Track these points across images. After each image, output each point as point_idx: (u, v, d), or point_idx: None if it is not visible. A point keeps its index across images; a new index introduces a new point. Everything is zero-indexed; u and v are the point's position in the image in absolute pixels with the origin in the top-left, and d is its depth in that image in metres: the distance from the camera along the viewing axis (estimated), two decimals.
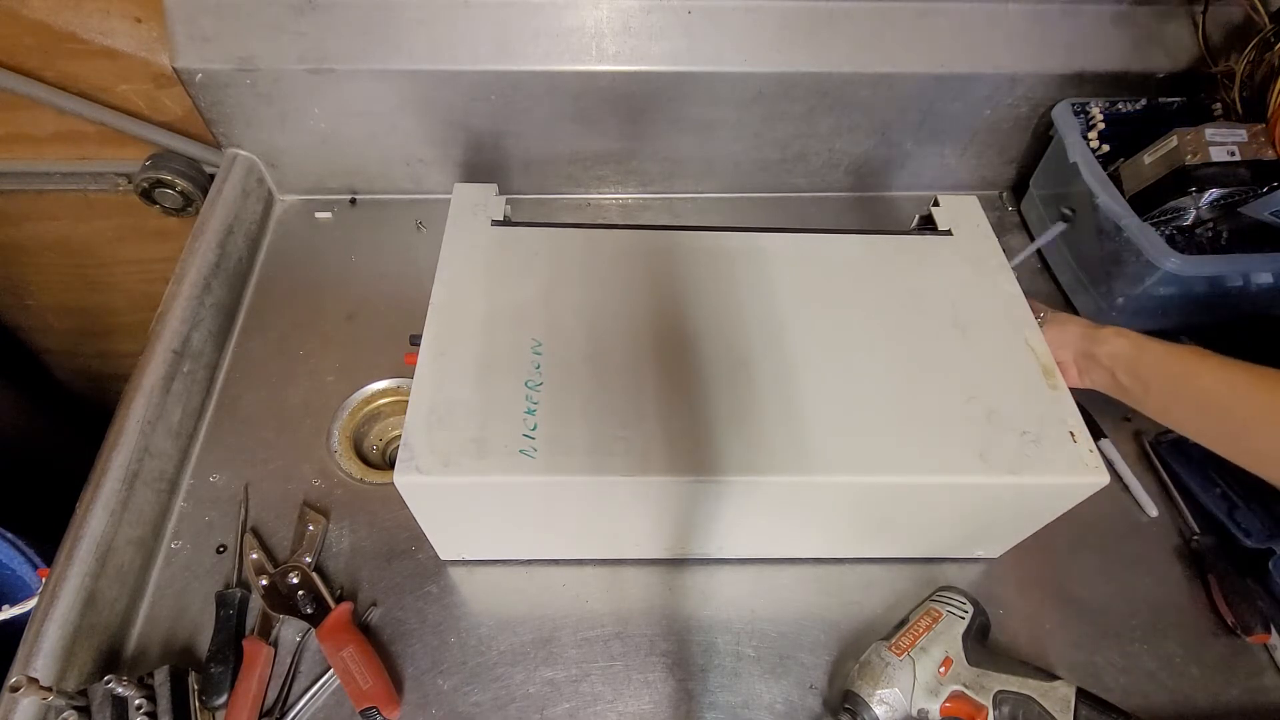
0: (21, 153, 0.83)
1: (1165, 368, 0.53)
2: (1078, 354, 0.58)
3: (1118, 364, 0.55)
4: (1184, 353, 0.53)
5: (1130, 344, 0.55)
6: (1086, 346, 0.57)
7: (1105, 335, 0.56)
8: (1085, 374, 0.58)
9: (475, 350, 0.53)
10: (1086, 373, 0.58)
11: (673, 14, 0.73)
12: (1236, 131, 0.68)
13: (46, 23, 0.71)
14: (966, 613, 0.55)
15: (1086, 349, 0.57)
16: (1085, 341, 0.57)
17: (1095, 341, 0.57)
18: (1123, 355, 0.55)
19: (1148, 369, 0.54)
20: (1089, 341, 0.57)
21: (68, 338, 1.12)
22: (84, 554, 0.54)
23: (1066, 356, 0.58)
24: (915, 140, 0.85)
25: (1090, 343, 0.57)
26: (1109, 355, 0.56)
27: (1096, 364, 0.57)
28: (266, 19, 0.70)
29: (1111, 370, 0.56)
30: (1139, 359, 0.55)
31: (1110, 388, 0.57)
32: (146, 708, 0.50)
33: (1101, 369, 0.56)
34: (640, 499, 0.51)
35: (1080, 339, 0.58)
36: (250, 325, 0.75)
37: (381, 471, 0.66)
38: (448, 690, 0.55)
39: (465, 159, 0.82)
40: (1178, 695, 0.57)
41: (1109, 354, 0.56)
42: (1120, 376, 0.55)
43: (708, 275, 0.59)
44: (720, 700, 0.55)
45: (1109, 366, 0.56)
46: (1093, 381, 0.58)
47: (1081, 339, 0.58)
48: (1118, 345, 0.56)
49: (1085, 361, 0.57)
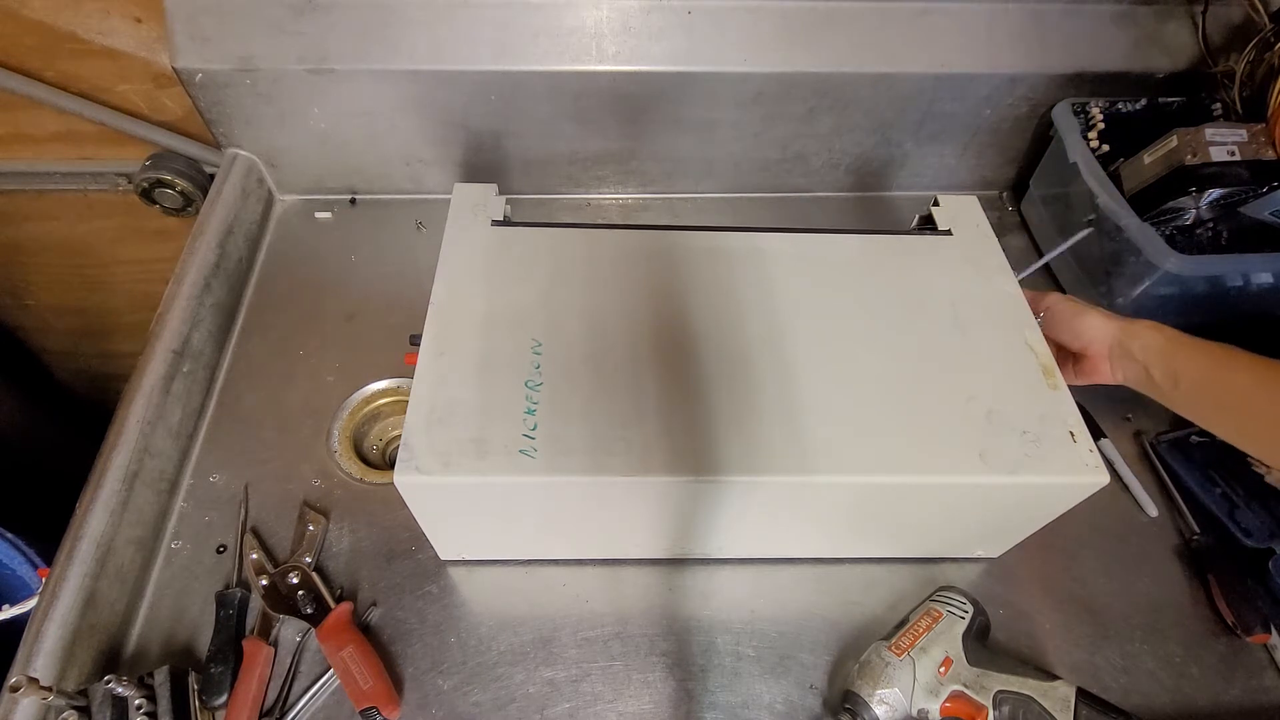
0: (21, 153, 0.84)
1: (1197, 362, 0.52)
2: (1112, 347, 0.56)
3: (1151, 358, 0.54)
4: (1217, 349, 0.52)
5: (1164, 338, 0.54)
6: (1121, 339, 0.55)
7: (1140, 329, 0.55)
8: (1118, 368, 0.56)
9: (475, 350, 0.53)
10: (1119, 367, 0.56)
11: (673, 14, 0.73)
12: (1236, 131, 0.68)
13: (46, 23, 0.71)
14: (966, 613, 0.55)
15: (1121, 342, 0.55)
16: (1120, 334, 0.56)
17: (1130, 335, 0.55)
18: (1157, 348, 0.54)
19: (1180, 363, 0.53)
20: (1124, 334, 0.55)
21: (68, 338, 1.12)
22: (84, 554, 0.54)
23: (1100, 350, 0.57)
24: (915, 140, 0.85)
25: (1125, 335, 0.55)
26: (1143, 349, 0.54)
27: (1130, 358, 0.55)
28: (266, 19, 0.70)
29: (1145, 364, 0.54)
30: (1172, 352, 0.53)
31: (1141, 382, 0.55)
32: (146, 708, 0.50)
33: (1135, 363, 0.55)
34: (640, 499, 0.51)
35: (1115, 332, 0.56)
36: (250, 325, 0.75)
37: (381, 471, 0.66)
38: (448, 690, 0.55)
39: (465, 159, 0.82)
40: (1178, 695, 0.57)
41: (1143, 347, 0.54)
42: (1154, 371, 0.54)
43: (708, 275, 0.59)
44: (720, 700, 0.55)
45: (1143, 360, 0.54)
46: (1124, 376, 0.56)
47: (1116, 332, 0.56)
48: (1152, 339, 0.54)
49: (1119, 355, 0.56)
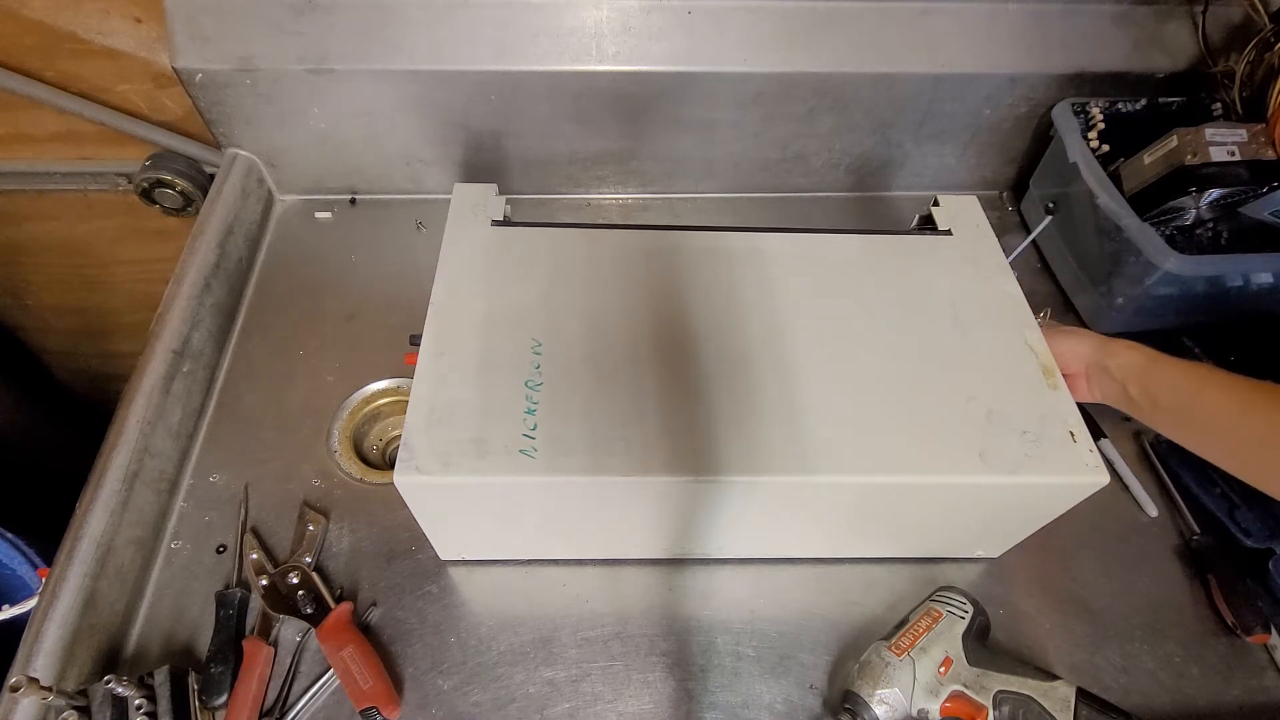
0: (21, 153, 0.84)
1: (1175, 382, 0.53)
2: (1090, 365, 0.57)
3: (1129, 377, 0.54)
4: (1195, 369, 0.53)
5: (1143, 357, 0.55)
6: (1099, 358, 0.56)
7: (1117, 348, 0.56)
8: (1095, 386, 0.57)
9: (475, 350, 0.53)
10: (1097, 385, 0.57)
11: (673, 14, 0.73)
12: (1236, 131, 0.68)
13: (46, 23, 0.71)
14: (966, 613, 0.55)
15: (1099, 361, 0.56)
16: (1098, 353, 0.56)
17: (1108, 354, 0.56)
18: (1134, 368, 0.54)
19: (1158, 383, 0.53)
20: (1102, 353, 0.56)
21: (68, 338, 1.12)
22: (84, 554, 0.54)
23: (1078, 368, 0.57)
24: (915, 140, 0.85)
25: (1103, 354, 0.56)
26: (1120, 368, 0.55)
27: (1108, 376, 0.56)
28: (266, 19, 0.70)
29: (1123, 383, 0.55)
30: (1150, 372, 0.54)
31: (1120, 400, 0.56)
32: (146, 708, 0.50)
33: (1113, 382, 0.56)
34: (640, 499, 0.51)
35: (1093, 351, 0.57)
36: (250, 325, 0.75)
37: (381, 471, 0.66)
38: (448, 690, 0.55)
39: (465, 159, 0.82)
40: (1178, 695, 0.57)
41: (1120, 366, 0.55)
42: (1131, 390, 0.54)
43: (708, 275, 0.59)
44: (720, 700, 0.55)
45: (1120, 379, 0.55)
46: (1103, 394, 0.57)
47: (1094, 351, 0.57)
48: (1130, 358, 0.55)
49: (1097, 373, 0.57)
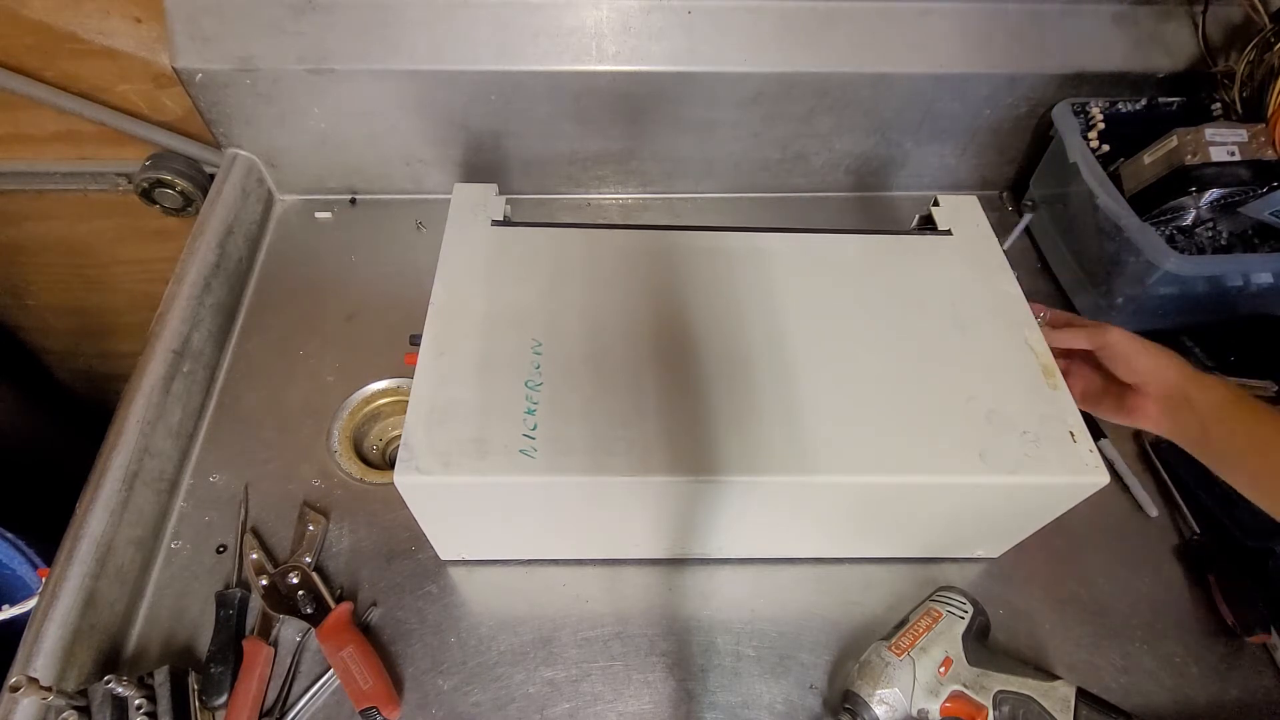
0: (21, 153, 0.84)
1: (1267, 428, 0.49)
2: (1172, 392, 0.53)
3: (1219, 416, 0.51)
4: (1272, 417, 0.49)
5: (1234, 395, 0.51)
6: (1187, 389, 0.52)
7: (1211, 382, 0.52)
8: (1168, 416, 0.53)
9: (475, 350, 0.53)
10: (1169, 416, 0.53)
11: (673, 14, 0.73)
12: (1236, 131, 0.68)
13: (46, 23, 0.71)
14: (966, 613, 0.55)
15: (1184, 391, 0.52)
16: (1187, 383, 0.52)
17: (1199, 386, 0.52)
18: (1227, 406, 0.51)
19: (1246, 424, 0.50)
20: (1191, 384, 0.52)
21: (68, 338, 1.12)
22: (84, 554, 0.54)
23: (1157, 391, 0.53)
24: (915, 140, 0.85)
25: (1192, 385, 0.52)
26: (1208, 403, 0.51)
27: (1190, 409, 0.52)
28: (266, 19, 0.70)
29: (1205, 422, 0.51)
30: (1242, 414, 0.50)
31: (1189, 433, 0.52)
32: (146, 708, 0.50)
33: (1192, 415, 0.52)
34: (640, 499, 0.51)
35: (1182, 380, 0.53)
36: (250, 325, 0.75)
37: (381, 471, 0.66)
38: (448, 690, 0.55)
39: (465, 159, 0.82)
40: (1178, 695, 0.57)
41: (1210, 403, 0.51)
42: (1214, 430, 0.51)
43: (708, 275, 0.59)
44: (720, 700, 0.55)
45: (1203, 413, 0.51)
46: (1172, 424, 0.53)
47: (1183, 380, 0.53)
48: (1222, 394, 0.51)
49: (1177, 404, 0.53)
